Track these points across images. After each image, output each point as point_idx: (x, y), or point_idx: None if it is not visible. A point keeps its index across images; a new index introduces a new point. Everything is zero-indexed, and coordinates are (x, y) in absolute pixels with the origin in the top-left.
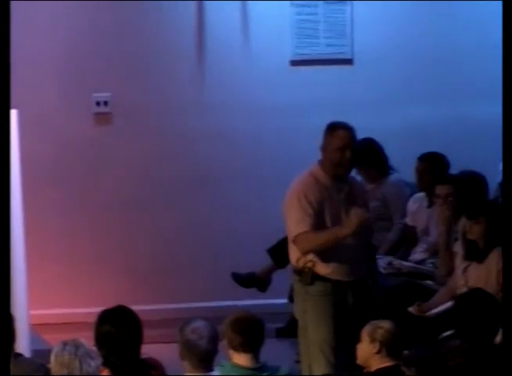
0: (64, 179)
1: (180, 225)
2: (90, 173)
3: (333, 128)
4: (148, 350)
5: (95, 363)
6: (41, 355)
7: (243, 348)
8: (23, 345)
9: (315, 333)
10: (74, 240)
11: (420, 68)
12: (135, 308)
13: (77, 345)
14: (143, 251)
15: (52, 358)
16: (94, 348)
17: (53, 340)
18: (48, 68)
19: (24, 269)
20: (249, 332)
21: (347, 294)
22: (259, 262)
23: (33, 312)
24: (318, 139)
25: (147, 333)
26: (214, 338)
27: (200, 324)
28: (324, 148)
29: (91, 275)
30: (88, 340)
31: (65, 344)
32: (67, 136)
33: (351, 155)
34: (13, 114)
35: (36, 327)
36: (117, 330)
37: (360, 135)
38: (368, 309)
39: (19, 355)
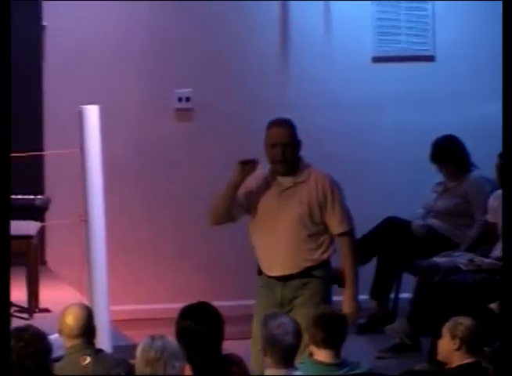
0: (146, 175)
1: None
2: (172, 168)
3: (267, 125)
4: (229, 346)
5: (179, 364)
6: (122, 350)
7: (324, 343)
8: (104, 340)
9: (253, 320)
10: (156, 236)
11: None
12: (216, 304)
13: (164, 345)
14: (225, 247)
15: (139, 353)
16: (179, 348)
17: (134, 336)
18: (130, 64)
19: (105, 265)
20: (331, 328)
21: (276, 290)
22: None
23: (114, 307)
24: (399, 135)
25: (228, 329)
26: (299, 334)
27: (284, 320)
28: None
29: (173, 271)
30: (169, 336)
31: (153, 339)
32: (149, 132)
33: (282, 152)
34: (94, 110)
35: (117, 323)
36: (199, 326)
37: (441, 131)
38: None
39: (100, 350)
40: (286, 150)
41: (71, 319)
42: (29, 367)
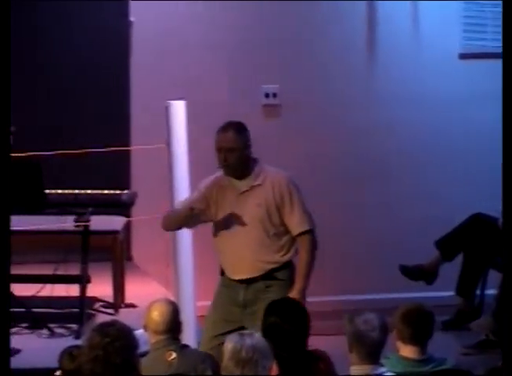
0: None
1: (348, 218)
2: None
3: (217, 130)
4: (314, 342)
5: (268, 363)
6: None
7: (411, 340)
8: (189, 336)
9: (207, 316)
10: None
11: None
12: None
13: (254, 344)
14: None
15: (228, 353)
16: (268, 346)
17: None
18: (218, 59)
19: (191, 261)
20: (419, 324)
21: (239, 292)
22: (426, 254)
23: (199, 303)
24: (484, 131)
25: (313, 324)
26: (385, 330)
27: (371, 316)
28: None
29: None
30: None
31: (242, 337)
32: None
33: (225, 157)
34: (181, 106)
35: (202, 319)
36: (284, 322)
37: None
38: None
39: (186, 346)
40: (229, 156)
41: (157, 315)
42: (116, 363)
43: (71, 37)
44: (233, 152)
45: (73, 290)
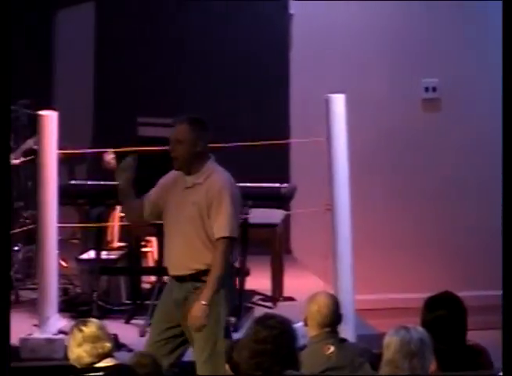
0: (390, 165)
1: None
2: (416, 159)
3: None
4: (472, 337)
5: (431, 356)
6: (366, 340)
7: None
8: (348, 330)
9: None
10: (398, 226)
11: None
12: (458, 294)
13: (421, 337)
14: (463, 237)
15: (396, 346)
16: (432, 340)
17: (379, 325)
18: (378, 54)
19: (350, 255)
20: None
21: (174, 289)
22: None
23: (358, 297)
24: None
25: (471, 319)
26: None
27: None
28: None
29: (415, 261)
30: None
31: (408, 331)
32: (395, 122)
33: (172, 148)
34: (341, 99)
35: (361, 312)
36: (446, 316)
37: None
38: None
39: (344, 340)
40: (176, 148)
41: (319, 308)
42: (284, 354)
43: (233, 32)
44: (181, 144)
45: None
